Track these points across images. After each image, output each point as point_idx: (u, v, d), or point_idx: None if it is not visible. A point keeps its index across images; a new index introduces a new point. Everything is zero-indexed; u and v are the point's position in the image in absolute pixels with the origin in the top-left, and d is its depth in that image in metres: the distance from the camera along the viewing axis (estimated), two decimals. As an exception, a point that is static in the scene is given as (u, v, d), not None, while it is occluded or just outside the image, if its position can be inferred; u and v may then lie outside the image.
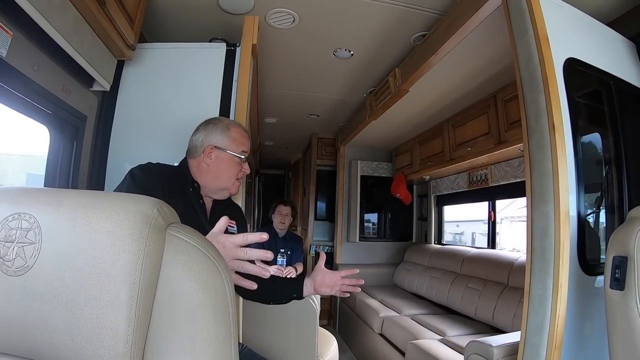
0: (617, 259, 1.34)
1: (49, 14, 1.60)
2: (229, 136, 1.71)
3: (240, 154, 1.69)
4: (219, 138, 1.70)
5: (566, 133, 1.71)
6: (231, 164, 1.69)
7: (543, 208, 1.69)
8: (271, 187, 9.62)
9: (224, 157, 1.69)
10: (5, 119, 1.78)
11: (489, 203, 4.41)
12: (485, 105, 3.47)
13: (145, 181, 1.52)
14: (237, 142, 1.71)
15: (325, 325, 5.37)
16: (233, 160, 1.69)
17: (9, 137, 2.06)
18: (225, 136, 1.71)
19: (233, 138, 1.71)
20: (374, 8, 2.63)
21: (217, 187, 1.70)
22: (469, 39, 2.43)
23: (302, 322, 2.39)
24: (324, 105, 4.78)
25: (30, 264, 0.61)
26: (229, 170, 1.69)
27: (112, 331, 0.58)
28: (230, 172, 1.69)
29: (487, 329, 3.28)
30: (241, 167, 1.71)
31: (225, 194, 1.72)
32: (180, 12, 2.71)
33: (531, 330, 1.68)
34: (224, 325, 0.65)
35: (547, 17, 1.79)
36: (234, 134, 1.72)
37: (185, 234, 0.66)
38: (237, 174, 1.70)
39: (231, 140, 1.70)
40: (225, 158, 1.69)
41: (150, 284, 0.61)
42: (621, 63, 2.10)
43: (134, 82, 2.41)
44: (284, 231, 4.17)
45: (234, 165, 1.69)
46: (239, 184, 1.72)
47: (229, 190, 1.70)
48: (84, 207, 0.62)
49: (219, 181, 1.69)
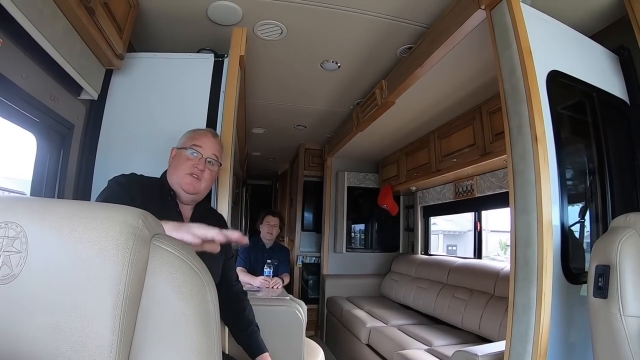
0: (599, 268, 1.37)
1: (40, 23, 1.61)
2: (187, 136, 1.77)
3: (189, 148, 1.71)
4: (181, 140, 1.78)
5: (549, 144, 1.73)
6: (181, 158, 1.71)
7: (526, 218, 1.71)
8: (258, 198, 9.60)
9: (178, 154, 1.74)
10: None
11: (475, 213, 4.44)
12: (470, 117, 3.51)
13: (127, 183, 1.56)
14: (191, 139, 1.75)
15: (312, 336, 5.34)
16: (183, 154, 1.71)
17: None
18: (185, 137, 1.77)
19: (189, 137, 1.77)
20: (361, 21, 2.66)
21: (173, 183, 1.71)
22: (454, 52, 2.47)
23: (289, 333, 2.38)
24: (312, 116, 4.81)
25: (16, 273, 0.60)
26: (179, 165, 1.70)
27: (97, 340, 0.58)
28: (180, 167, 1.70)
29: (474, 339, 3.29)
30: (193, 162, 1.70)
31: (182, 193, 1.70)
32: (169, 22, 2.72)
33: (516, 339, 1.70)
34: (207, 336, 0.66)
35: (530, 30, 1.82)
36: (193, 134, 1.78)
37: (170, 245, 0.66)
38: (187, 168, 1.69)
39: (186, 139, 1.76)
40: (178, 154, 1.73)
41: (135, 294, 0.61)
42: (604, 75, 2.14)
43: (122, 91, 2.42)
44: (271, 242, 4.14)
45: (184, 160, 1.70)
46: (189, 179, 1.69)
47: (181, 185, 1.69)
48: (70, 217, 0.62)
49: (172, 177, 1.71)
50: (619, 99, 2.16)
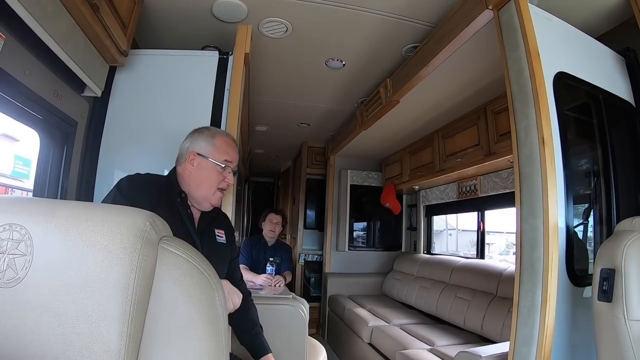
0: (604, 272, 1.36)
1: (43, 20, 1.60)
2: (212, 144, 1.69)
3: (222, 163, 1.67)
4: (202, 145, 1.69)
5: (555, 147, 1.72)
6: (212, 172, 1.66)
7: (532, 221, 1.70)
8: (261, 195, 9.59)
9: (205, 164, 1.67)
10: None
11: (478, 213, 4.43)
12: (475, 117, 3.50)
13: (132, 193, 1.51)
14: (221, 151, 1.69)
15: (314, 334, 5.33)
16: (214, 169, 1.66)
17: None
18: (209, 144, 1.69)
19: (217, 146, 1.69)
20: (366, 19, 2.65)
21: (198, 196, 1.67)
22: (460, 52, 2.45)
23: (291, 332, 2.38)
24: (315, 114, 4.80)
25: (21, 276, 0.60)
26: (210, 179, 1.66)
27: (104, 345, 0.58)
28: (211, 181, 1.66)
29: (476, 339, 3.28)
30: (224, 177, 1.68)
31: (206, 205, 1.68)
32: (173, 19, 2.71)
33: (520, 341, 1.69)
34: (216, 339, 0.65)
35: (537, 31, 1.81)
36: (218, 142, 1.71)
37: (178, 248, 0.66)
38: (218, 183, 1.67)
39: (215, 149, 1.68)
40: (207, 166, 1.67)
41: (143, 298, 0.60)
42: (610, 77, 2.13)
43: (126, 88, 2.41)
44: (274, 240, 4.14)
45: (215, 174, 1.66)
46: (220, 194, 1.68)
47: (209, 200, 1.67)
48: (76, 219, 0.62)
49: (200, 190, 1.66)
50: (625, 101, 2.15)
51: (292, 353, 2.34)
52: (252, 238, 4.31)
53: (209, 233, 1.76)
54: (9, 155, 7.21)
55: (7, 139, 7.23)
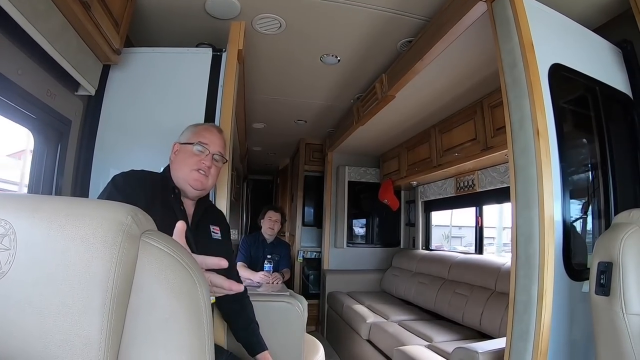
0: (602, 265, 1.35)
1: (34, 19, 1.59)
2: (191, 131, 1.78)
3: (196, 144, 1.72)
4: (184, 135, 1.78)
5: (551, 139, 1.72)
6: (187, 154, 1.72)
7: (527, 214, 1.69)
8: (259, 193, 9.59)
9: (183, 149, 1.74)
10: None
11: (476, 209, 4.42)
12: (471, 111, 3.49)
13: (127, 188, 1.53)
14: (197, 135, 1.75)
15: (312, 331, 5.35)
16: (189, 150, 1.72)
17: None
18: (189, 132, 1.78)
19: (194, 132, 1.77)
20: (360, 14, 2.64)
21: (179, 181, 1.71)
22: (455, 45, 2.44)
23: (289, 329, 2.37)
24: (312, 110, 4.80)
25: (5, 271, 0.59)
26: (185, 161, 1.71)
27: (85, 339, 0.57)
28: (186, 163, 1.70)
29: (475, 335, 3.28)
30: (200, 159, 1.71)
31: (188, 189, 1.71)
32: (166, 16, 2.70)
33: (516, 337, 1.69)
34: (198, 334, 0.64)
35: (532, 23, 1.80)
36: (197, 129, 1.79)
37: (160, 242, 0.65)
38: (193, 164, 1.70)
39: (192, 134, 1.76)
40: (183, 149, 1.74)
41: (124, 292, 0.60)
42: (607, 68, 2.12)
43: (120, 86, 2.40)
44: (272, 237, 4.15)
45: (190, 156, 1.71)
46: (196, 174, 1.70)
47: (187, 181, 1.69)
48: (58, 213, 0.61)
49: (178, 173, 1.71)
50: (622, 93, 2.14)
51: (289, 350, 2.33)
52: (251, 235, 4.32)
53: (204, 229, 1.77)
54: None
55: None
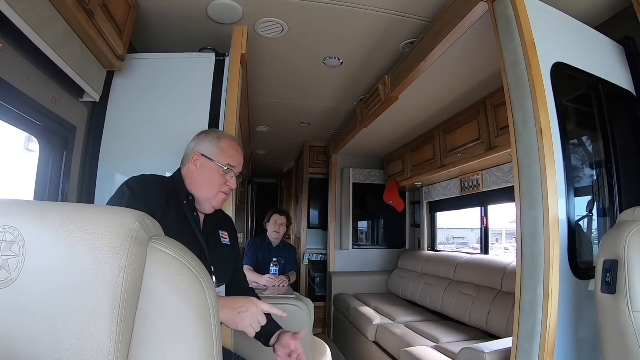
0: (607, 263, 1.35)
1: (39, 27, 1.60)
2: (217, 146, 1.67)
3: (225, 166, 1.64)
4: (207, 146, 1.67)
5: (554, 137, 1.71)
6: (215, 174, 1.64)
7: (532, 213, 1.69)
8: (265, 196, 9.60)
9: (209, 166, 1.65)
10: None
11: (482, 209, 4.41)
12: (475, 111, 3.48)
13: (143, 194, 1.47)
14: (225, 154, 1.66)
15: (319, 334, 5.34)
16: (217, 171, 1.64)
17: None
18: (214, 145, 1.67)
19: (221, 149, 1.67)
20: (362, 16, 2.64)
21: (199, 198, 1.65)
22: (457, 46, 2.44)
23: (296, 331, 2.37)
24: (315, 113, 4.80)
25: (14, 277, 0.60)
26: (212, 181, 1.64)
27: (94, 344, 0.58)
28: (214, 183, 1.64)
29: (481, 335, 3.27)
30: (226, 181, 1.65)
31: (208, 207, 1.66)
32: (169, 22, 2.72)
33: (522, 337, 1.68)
34: (206, 337, 0.65)
35: (533, 22, 1.80)
36: (223, 145, 1.68)
37: (167, 247, 0.66)
38: (221, 186, 1.64)
39: (219, 151, 1.66)
40: (210, 167, 1.65)
41: (132, 297, 0.61)
42: (610, 66, 2.11)
43: (124, 92, 2.42)
44: (278, 240, 4.16)
45: (217, 177, 1.64)
46: (223, 197, 1.66)
47: (211, 202, 1.65)
48: (67, 220, 0.62)
49: (202, 191, 1.64)
50: (625, 91, 2.13)
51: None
52: (256, 239, 4.33)
53: (214, 235, 1.76)
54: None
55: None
